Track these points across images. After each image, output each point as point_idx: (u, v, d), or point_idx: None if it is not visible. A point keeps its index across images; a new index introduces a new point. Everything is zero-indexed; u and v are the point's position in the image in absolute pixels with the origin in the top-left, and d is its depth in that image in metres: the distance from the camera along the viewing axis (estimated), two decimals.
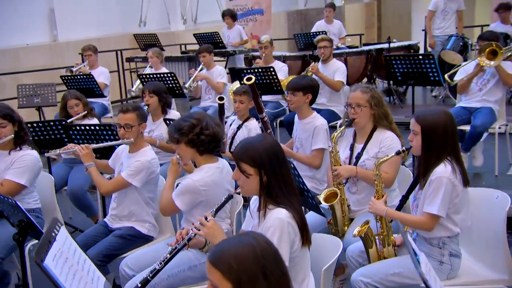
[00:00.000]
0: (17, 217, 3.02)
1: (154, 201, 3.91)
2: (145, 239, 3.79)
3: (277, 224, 2.62)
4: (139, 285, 2.68)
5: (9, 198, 2.98)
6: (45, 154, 4.40)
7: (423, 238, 3.05)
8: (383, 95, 4.16)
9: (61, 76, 7.37)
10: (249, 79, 4.74)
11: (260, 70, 6.30)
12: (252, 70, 6.45)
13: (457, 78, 5.68)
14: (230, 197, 2.88)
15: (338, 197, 3.45)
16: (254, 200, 3.00)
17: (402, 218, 3.15)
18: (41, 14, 10.90)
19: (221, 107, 4.98)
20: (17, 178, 3.61)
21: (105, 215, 4.86)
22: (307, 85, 4.40)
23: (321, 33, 8.36)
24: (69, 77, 7.12)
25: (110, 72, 8.13)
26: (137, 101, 8.65)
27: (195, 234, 2.76)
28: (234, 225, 3.63)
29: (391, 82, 8.62)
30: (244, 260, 1.82)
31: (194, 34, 9.88)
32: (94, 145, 3.99)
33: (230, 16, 9.61)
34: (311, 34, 8.76)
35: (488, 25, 10.02)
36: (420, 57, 6.08)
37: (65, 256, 2.26)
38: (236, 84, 7.05)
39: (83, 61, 7.88)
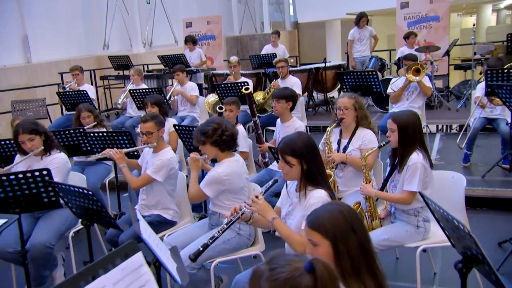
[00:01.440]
0: (81, 207, 3.17)
1: (175, 192, 4.00)
2: (170, 224, 3.91)
3: (319, 201, 2.78)
4: (201, 248, 2.82)
5: (85, 189, 3.06)
6: (88, 158, 4.43)
7: (401, 210, 3.33)
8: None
9: (57, 93, 7.33)
10: (247, 88, 4.94)
11: (231, 84, 6.50)
12: (225, 85, 6.59)
13: (388, 91, 6.08)
14: (275, 181, 2.91)
15: (332, 178, 3.62)
16: (290, 183, 3.15)
17: (387, 197, 3.44)
18: (16, 38, 10.62)
19: (220, 114, 5.08)
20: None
21: (120, 209, 5.03)
22: (289, 95, 4.68)
23: (271, 55, 8.70)
24: (63, 93, 7.08)
25: None
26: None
27: (246, 211, 2.86)
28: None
29: (327, 94, 8.86)
30: (336, 221, 1.98)
31: (159, 56, 9.78)
32: (126, 150, 4.07)
33: (191, 41, 9.69)
34: (262, 55, 9.02)
35: (394, 49, 10.42)
36: (366, 73, 6.32)
37: (148, 232, 2.52)
38: (211, 97, 7.28)
39: (63, 81, 7.83)
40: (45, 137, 3.81)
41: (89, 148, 4.62)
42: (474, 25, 8.43)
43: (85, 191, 2.98)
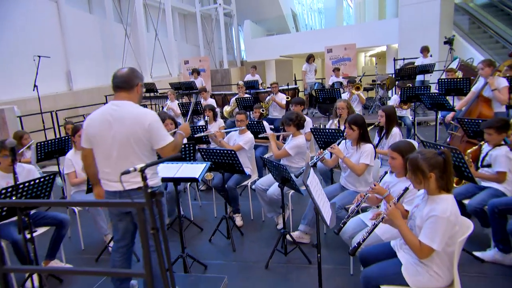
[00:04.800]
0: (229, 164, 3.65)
1: (251, 158, 4.36)
2: (248, 176, 4.27)
3: (369, 150, 3.23)
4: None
5: (232, 151, 3.59)
6: (195, 135, 4.63)
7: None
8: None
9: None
10: (287, 97, 5.49)
11: (244, 98, 6.95)
12: (243, 99, 6.94)
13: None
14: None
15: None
16: (343, 143, 3.45)
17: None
18: (62, 72, 10.63)
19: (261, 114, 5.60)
20: None
21: None
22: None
23: (254, 81, 9.00)
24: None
25: None
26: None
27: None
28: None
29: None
30: (403, 146, 2.48)
31: (170, 83, 9.92)
32: (225, 130, 4.56)
33: (196, 72, 10.12)
34: (248, 81, 9.03)
35: (324, 78, 11.27)
36: (332, 90, 6.86)
37: (314, 183, 2.48)
38: (227, 107, 7.65)
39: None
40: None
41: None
42: (376, 64, 9.84)
43: (232, 151, 3.54)
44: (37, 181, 2.91)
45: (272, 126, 6.14)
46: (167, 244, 1.67)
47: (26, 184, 2.82)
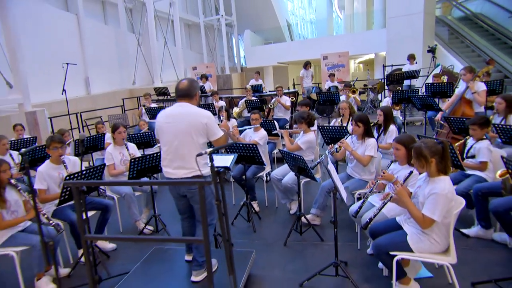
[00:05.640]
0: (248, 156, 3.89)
1: (264, 153, 4.45)
2: (263, 168, 4.42)
3: (373, 144, 3.42)
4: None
5: (253, 144, 3.72)
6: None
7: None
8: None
9: (145, 108, 7.67)
10: (292, 98, 5.66)
11: (253, 101, 7.02)
12: (251, 101, 7.01)
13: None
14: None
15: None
16: (351, 138, 3.59)
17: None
18: (81, 78, 10.77)
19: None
20: None
21: None
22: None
23: (259, 85, 9.11)
24: (148, 108, 7.47)
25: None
26: None
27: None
28: None
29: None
30: (406, 139, 2.61)
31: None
32: (240, 128, 4.67)
33: (205, 77, 10.29)
34: (253, 85, 9.03)
35: (320, 82, 11.66)
36: (331, 93, 6.78)
37: (333, 169, 2.68)
38: (236, 108, 7.72)
39: (124, 105, 7.93)
40: None
41: None
42: (368, 70, 10.06)
43: (254, 145, 3.81)
44: (93, 169, 3.16)
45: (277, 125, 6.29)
46: (227, 213, 1.93)
47: (85, 171, 3.07)
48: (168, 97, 10.22)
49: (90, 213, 3.58)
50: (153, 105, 8.05)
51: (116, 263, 3.44)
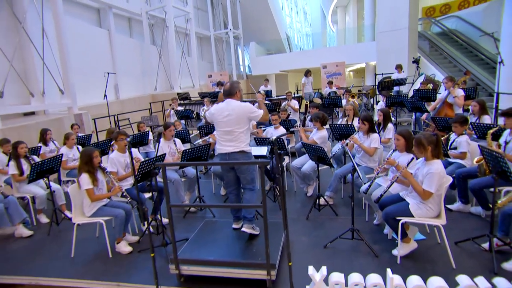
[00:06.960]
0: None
1: None
2: (284, 159, 5.19)
3: (376, 138, 3.73)
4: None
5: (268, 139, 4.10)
6: (194, 143, 5.07)
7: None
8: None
9: (175, 111, 7.97)
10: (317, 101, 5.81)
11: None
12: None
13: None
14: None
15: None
16: (359, 134, 3.87)
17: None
18: (111, 85, 11.02)
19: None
20: None
21: None
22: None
23: (269, 91, 9.45)
24: (177, 111, 7.80)
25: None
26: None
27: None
28: None
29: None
30: (405, 132, 2.91)
31: (199, 93, 10.46)
32: (263, 128, 5.13)
33: (221, 84, 10.56)
34: (266, 91, 9.39)
35: (320, 88, 11.73)
36: (333, 97, 6.97)
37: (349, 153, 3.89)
38: None
39: (151, 108, 8.03)
40: None
41: None
42: (363, 77, 10.36)
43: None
44: (156, 158, 3.63)
45: None
46: (282, 188, 2.38)
47: (154, 158, 3.54)
48: (189, 101, 10.60)
49: (147, 195, 4.01)
50: (179, 108, 8.33)
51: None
